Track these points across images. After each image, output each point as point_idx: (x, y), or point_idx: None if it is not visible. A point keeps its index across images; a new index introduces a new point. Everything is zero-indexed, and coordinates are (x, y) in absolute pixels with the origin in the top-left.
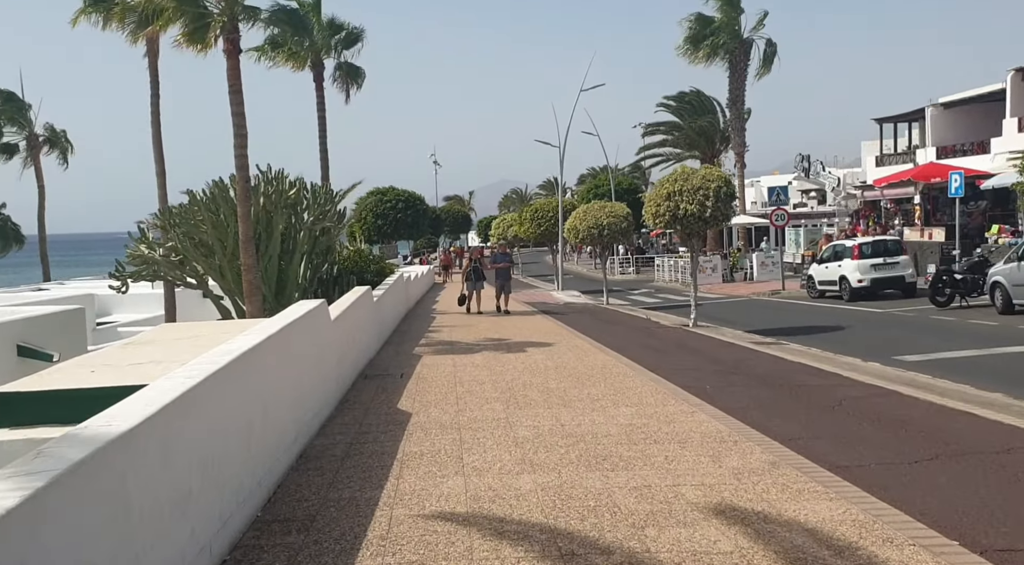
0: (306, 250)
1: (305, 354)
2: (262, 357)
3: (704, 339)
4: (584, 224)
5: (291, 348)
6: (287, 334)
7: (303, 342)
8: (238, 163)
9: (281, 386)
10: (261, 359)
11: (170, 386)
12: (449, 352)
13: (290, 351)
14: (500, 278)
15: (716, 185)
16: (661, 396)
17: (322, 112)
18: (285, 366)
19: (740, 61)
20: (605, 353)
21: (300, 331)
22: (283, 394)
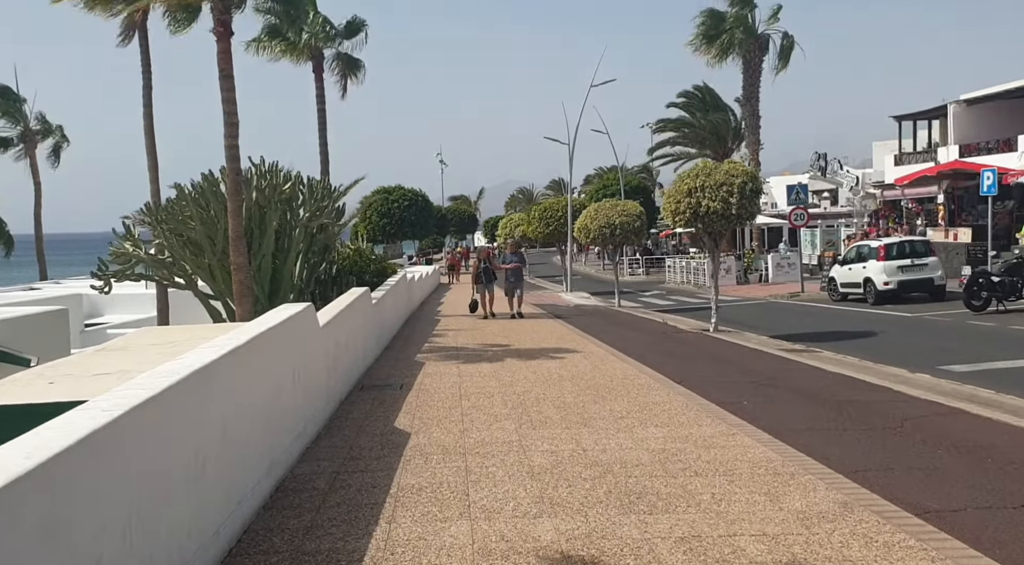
0: (302, 249)
1: (284, 367)
2: (220, 375)
3: (728, 345)
4: (595, 223)
5: (264, 361)
6: (257, 346)
7: (282, 353)
8: (228, 154)
9: (248, 408)
10: (218, 378)
11: (73, 426)
12: (454, 359)
13: (262, 365)
14: (512, 279)
15: (741, 181)
16: (693, 413)
17: (322, 105)
18: (255, 383)
19: (755, 56)
20: (623, 361)
21: (278, 340)
22: (251, 417)
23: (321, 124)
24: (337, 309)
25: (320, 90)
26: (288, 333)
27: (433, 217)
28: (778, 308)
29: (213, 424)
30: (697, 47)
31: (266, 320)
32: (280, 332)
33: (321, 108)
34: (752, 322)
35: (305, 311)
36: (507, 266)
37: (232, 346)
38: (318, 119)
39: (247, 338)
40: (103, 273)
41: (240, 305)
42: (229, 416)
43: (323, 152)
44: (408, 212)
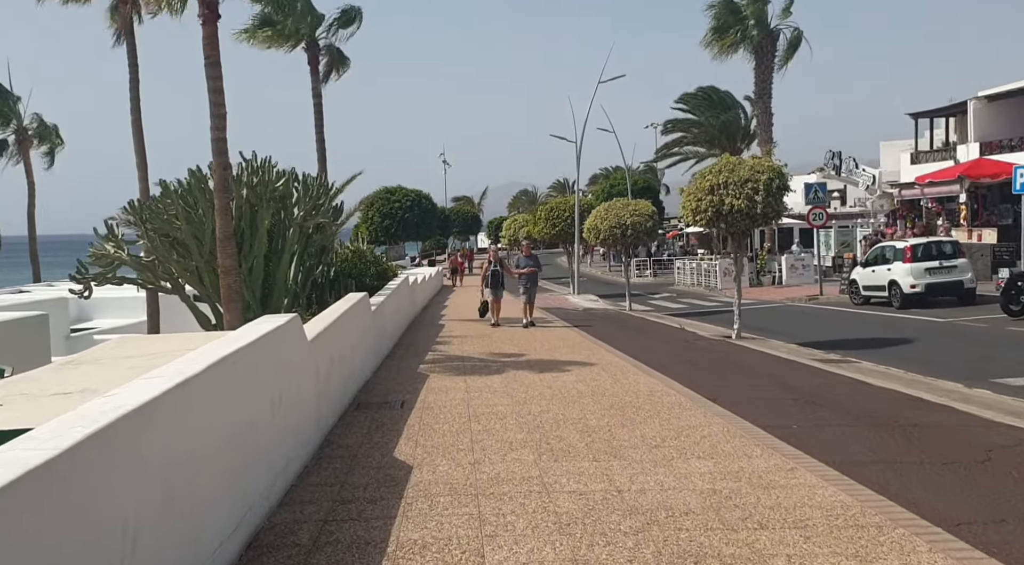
0: (297, 250)
1: (261, 395)
2: (159, 420)
3: (756, 355)
4: (606, 223)
5: (233, 389)
6: (220, 372)
7: (259, 377)
8: (216, 148)
9: (206, 452)
10: (156, 423)
11: None
12: (460, 371)
13: (230, 394)
14: (528, 285)
15: (767, 177)
16: (739, 441)
17: (318, 98)
18: (217, 420)
19: (767, 51)
20: (647, 374)
21: (254, 362)
22: (211, 463)
23: (317, 118)
24: (331, 318)
25: (316, 82)
26: (267, 352)
27: (436, 218)
28: (798, 312)
29: (150, 482)
30: (708, 42)
31: (238, 337)
32: (256, 352)
33: (317, 102)
34: (774, 328)
35: (289, 324)
36: (522, 270)
37: (180, 379)
38: (314, 113)
39: (203, 365)
40: (82, 276)
41: (229, 311)
42: (176, 467)
43: (320, 147)
44: (411, 213)
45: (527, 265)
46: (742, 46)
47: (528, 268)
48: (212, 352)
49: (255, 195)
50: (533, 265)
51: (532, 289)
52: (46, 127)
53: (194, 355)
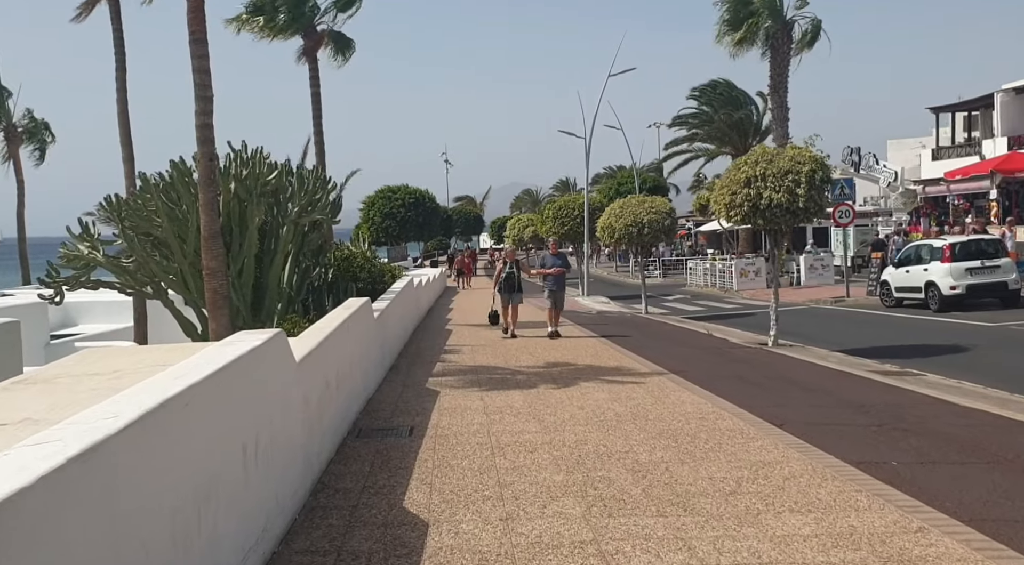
0: (291, 250)
1: (228, 439)
2: (36, 511)
3: (804, 366)
4: (621, 222)
5: (178, 443)
6: (160, 423)
7: (222, 416)
8: (200, 136)
9: (140, 530)
10: (64, 499)
11: None
12: (474, 385)
13: (176, 449)
14: (553, 288)
15: (809, 168)
16: (834, 485)
17: (316, 88)
18: (164, 482)
19: (783, 44)
20: (689, 390)
21: (215, 397)
22: (147, 546)
23: (315, 109)
24: (326, 330)
25: (313, 69)
26: (237, 383)
27: (439, 218)
28: (827, 315)
29: None
30: (721, 35)
31: (198, 365)
32: (220, 385)
33: (315, 92)
34: (809, 333)
35: (268, 344)
36: (547, 270)
37: (88, 442)
38: (312, 103)
39: (131, 416)
40: (52, 280)
41: (215, 318)
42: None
43: (318, 140)
44: (413, 213)
45: (553, 264)
46: (756, 39)
47: (555, 268)
48: (155, 389)
49: (244, 189)
50: (561, 265)
51: (559, 293)
52: (36, 123)
53: (128, 395)
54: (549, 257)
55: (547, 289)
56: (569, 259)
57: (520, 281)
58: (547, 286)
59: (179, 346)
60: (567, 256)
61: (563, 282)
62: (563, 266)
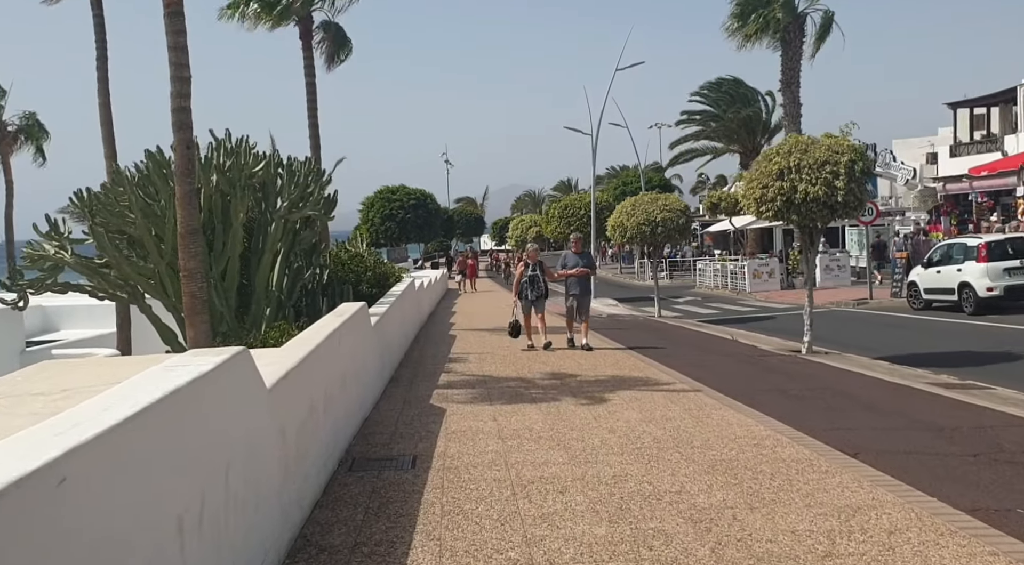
0: (281, 248)
1: (156, 503)
2: None
3: (852, 377)
4: (633, 220)
5: (65, 522)
6: (27, 497)
7: (153, 469)
8: (176, 121)
9: None
10: None
11: None
12: (484, 400)
13: (62, 529)
14: (576, 292)
15: (848, 159)
16: (956, 545)
17: (311, 78)
18: None
19: (794, 38)
20: (731, 408)
21: (142, 447)
22: None
23: (310, 100)
24: (311, 343)
25: (308, 57)
26: (169, 431)
27: (439, 219)
28: (853, 318)
29: None
30: (730, 29)
31: (99, 410)
32: (141, 436)
33: (310, 81)
34: (840, 338)
35: (224, 369)
36: (569, 272)
37: None
38: (307, 93)
39: None
40: (17, 283)
41: (193, 325)
42: None
43: (313, 133)
44: (413, 214)
45: (576, 264)
46: (766, 32)
47: (577, 269)
48: (20, 451)
49: (227, 182)
50: (586, 265)
51: (583, 298)
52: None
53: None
54: (571, 256)
55: (569, 293)
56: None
57: (546, 285)
58: (570, 292)
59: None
60: (592, 255)
61: (589, 286)
62: (588, 266)
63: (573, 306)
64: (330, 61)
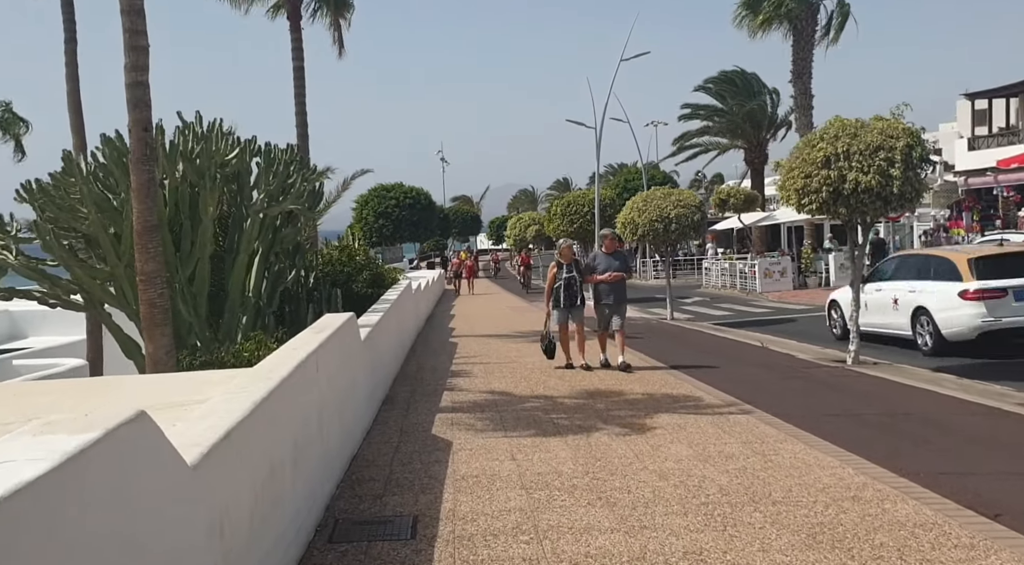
0: (260, 248)
1: None
2: None
3: (924, 396)
4: (645, 217)
5: None
6: None
7: None
8: (131, 98)
9: None
10: None
11: None
12: (498, 428)
13: None
14: (609, 300)
15: (905, 143)
16: None
17: (299, 62)
18: None
19: (807, 27)
20: (798, 438)
21: None
22: None
23: (298, 85)
24: (275, 376)
25: (297, 43)
26: None
27: (435, 217)
28: None
29: None
30: (740, 18)
31: None
32: None
33: (299, 66)
34: (877, 343)
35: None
36: (601, 277)
37: None
38: (294, 78)
39: None
40: None
41: (152, 339)
42: None
43: (300, 121)
44: (408, 212)
45: (608, 268)
46: (777, 21)
47: (611, 273)
48: None
49: (196, 171)
50: (620, 267)
51: (619, 308)
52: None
53: None
54: (602, 257)
55: (600, 302)
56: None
57: (582, 291)
58: (602, 298)
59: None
60: (627, 256)
61: (624, 293)
62: (623, 269)
63: (607, 318)
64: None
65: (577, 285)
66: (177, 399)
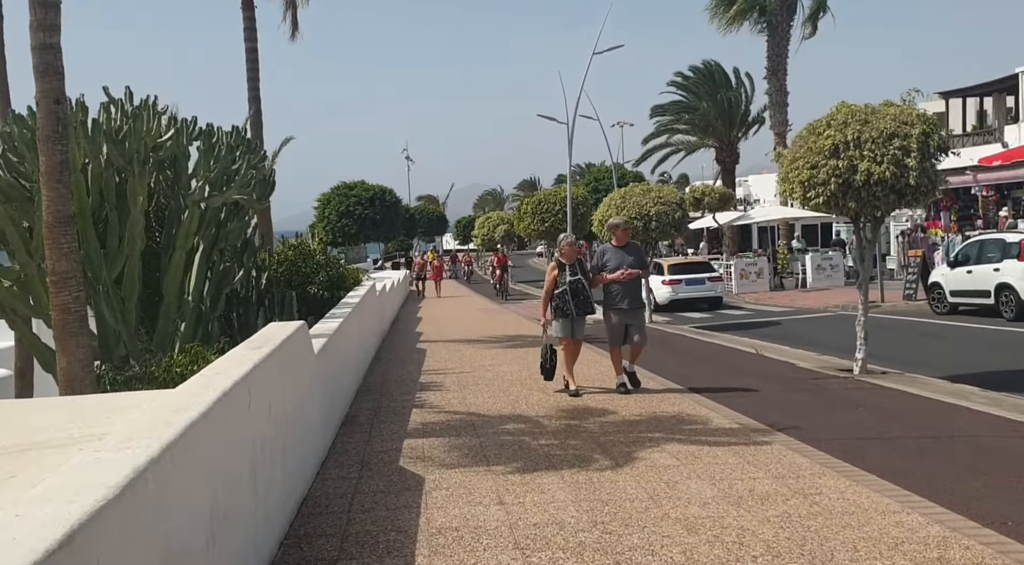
0: (201, 245)
1: None
2: None
3: (957, 413)
4: (623, 214)
5: None
6: None
7: None
8: (39, 63)
9: None
10: None
11: None
12: (479, 459)
13: None
14: (626, 305)
15: (921, 130)
16: None
17: (252, 43)
18: None
19: (782, 21)
20: (841, 474)
21: None
22: None
23: (251, 70)
24: (179, 424)
25: (250, 20)
26: None
27: (400, 216)
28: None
29: None
30: (713, 10)
31: None
32: None
33: (251, 47)
34: (875, 350)
35: None
36: (612, 277)
37: None
38: (247, 61)
39: None
40: None
41: (66, 351)
42: None
43: (254, 106)
44: (372, 211)
45: (620, 263)
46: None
47: (627, 270)
48: None
49: (123, 155)
50: (635, 263)
51: (637, 315)
52: None
53: None
54: (613, 251)
55: (613, 306)
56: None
57: (590, 293)
58: (615, 301)
59: None
60: (642, 249)
61: (641, 295)
62: (639, 265)
63: (621, 328)
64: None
65: (585, 290)
66: (74, 431)
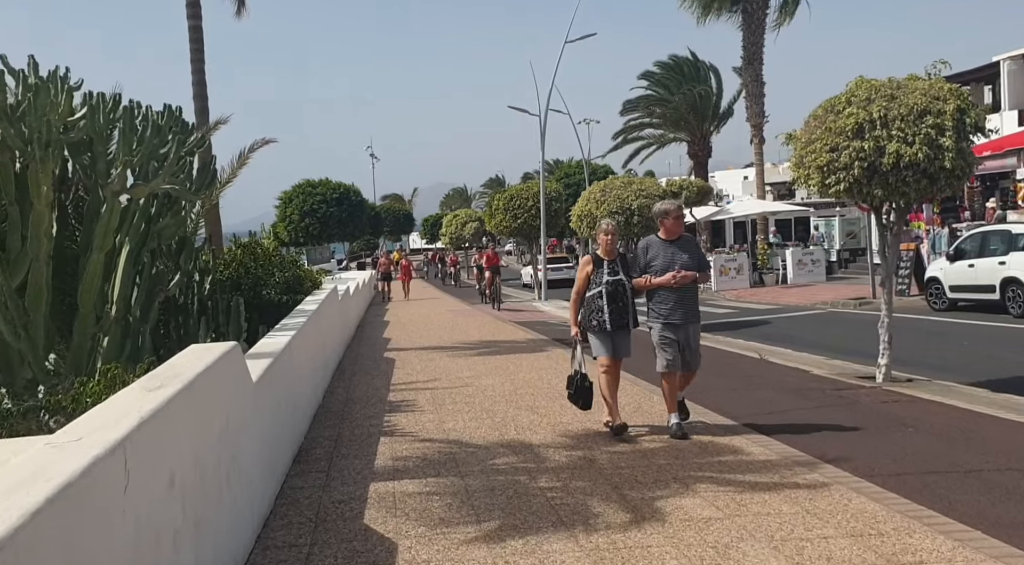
0: (128, 244)
1: None
2: None
3: (1018, 432)
4: (604, 208)
5: None
6: None
7: None
8: None
9: None
10: None
11: None
12: (467, 513)
13: None
14: (677, 317)
15: (956, 107)
16: None
17: (196, 20)
18: None
19: (758, 10)
20: (931, 526)
21: None
22: None
23: (195, 50)
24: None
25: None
26: None
27: (366, 215)
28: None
29: None
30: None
31: None
32: None
33: (195, 24)
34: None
35: None
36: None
37: None
38: (190, 38)
39: None
40: None
41: None
42: None
43: (198, 92)
44: (336, 209)
45: (670, 263)
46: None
47: (681, 271)
48: None
49: (21, 136)
50: (692, 263)
51: (692, 328)
52: None
53: None
54: (660, 245)
55: (664, 319)
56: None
57: (631, 299)
58: (662, 310)
59: None
60: (698, 244)
61: (697, 306)
62: (696, 265)
63: (676, 348)
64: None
65: (627, 294)
66: None
